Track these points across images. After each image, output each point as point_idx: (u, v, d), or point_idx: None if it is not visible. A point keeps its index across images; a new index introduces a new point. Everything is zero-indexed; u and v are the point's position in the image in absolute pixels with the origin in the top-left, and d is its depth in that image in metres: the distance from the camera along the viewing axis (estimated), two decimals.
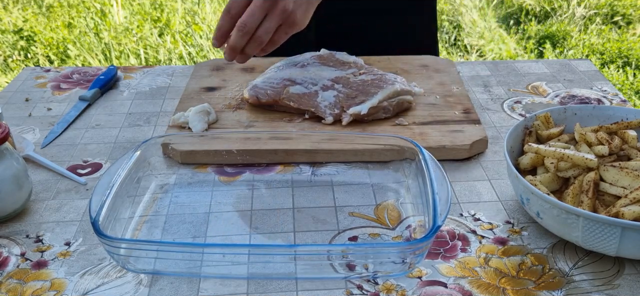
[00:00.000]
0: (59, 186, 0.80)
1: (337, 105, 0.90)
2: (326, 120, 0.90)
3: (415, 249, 0.61)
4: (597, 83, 1.07)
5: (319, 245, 0.69)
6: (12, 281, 0.64)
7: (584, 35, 3.48)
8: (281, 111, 0.93)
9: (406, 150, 0.78)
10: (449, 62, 1.11)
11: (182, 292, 0.62)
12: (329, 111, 0.90)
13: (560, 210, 0.63)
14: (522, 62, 1.17)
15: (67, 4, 3.83)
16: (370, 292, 0.62)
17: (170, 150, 0.84)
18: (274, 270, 0.64)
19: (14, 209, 0.73)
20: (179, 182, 0.81)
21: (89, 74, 1.14)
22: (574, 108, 0.81)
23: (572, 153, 0.69)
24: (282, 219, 0.73)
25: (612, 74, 3.04)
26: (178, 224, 0.72)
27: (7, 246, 0.70)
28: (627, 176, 0.66)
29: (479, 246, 0.69)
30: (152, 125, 0.95)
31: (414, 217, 0.73)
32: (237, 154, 0.83)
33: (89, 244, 0.70)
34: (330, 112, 0.90)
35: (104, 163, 0.85)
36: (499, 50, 3.35)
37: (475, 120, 0.90)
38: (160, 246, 0.65)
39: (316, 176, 0.81)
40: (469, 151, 0.84)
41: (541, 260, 0.66)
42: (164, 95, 1.05)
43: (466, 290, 0.62)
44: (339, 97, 0.91)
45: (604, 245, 0.62)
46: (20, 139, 0.89)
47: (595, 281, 0.63)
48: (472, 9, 3.75)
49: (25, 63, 3.27)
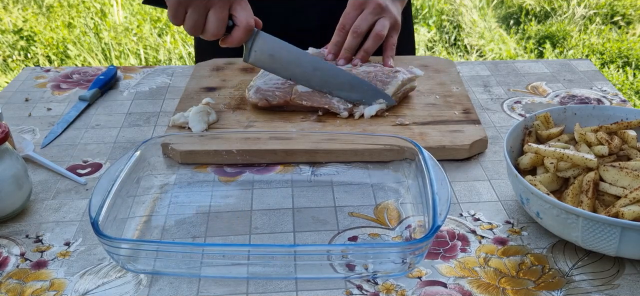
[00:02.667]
0: (58, 186, 0.80)
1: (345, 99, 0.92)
2: (341, 114, 0.91)
3: (415, 249, 0.61)
4: (597, 83, 1.07)
5: (318, 245, 0.69)
6: (12, 281, 0.64)
7: (584, 35, 3.48)
8: (290, 111, 0.93)
9: (406, 150, 0.78)
10: (449, 62, 1.11)
11: (182, 292, 0.62)
12: (343, 106, 0.91)
13: (560, 210, 0.63)
14: (522, 62, 1.17)
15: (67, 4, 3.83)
16: (370, 292, 0.62)
17: (170, 150, 0.84)
18: (273, 270, 0.64)
19: (13, 209, 0.73)
20: (178, 182, 0.81)
21: (88, 74, 1.14)
22: (574, 108, 0.81)
23: (572, 153, 0.69)
24: (282, 219, 0.73)
25: (612, 73, 3.04)
26: (178, 224, 0.72)
27: (7, 246, 0.70)
28: (627, 176, 0.66)
29: (478, 246, 0.69)
30: (152, 125, 0.95)
31: (414, 217, 0.73)
32: (237, 154, 0.83)
33: (89, 244, 0.70)
34: (344, 107, 0.91)
35: (104, 164, 0.85)
36: (499, 50, 3.35)
37: (475, 120, 0.90)
38: (160, 246, 0.65)
39: (316, 176, 0.81)
40: (468, 151, 0.84)
41: (541, 260, 0.66)
42: (163, 95, 1.05)
43: (466, 290, 0.62)
44: None
45: (603, 245, 0.62)
46: (20, 139, 0.89)
47: (595, 281, 0.63)
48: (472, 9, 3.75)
49: (25, 63, 3.27)
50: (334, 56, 0.99)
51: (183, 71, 1.14)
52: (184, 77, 1.11)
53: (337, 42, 0.99)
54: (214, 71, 1.08)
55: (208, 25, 0.85)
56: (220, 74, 1.07)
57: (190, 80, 1.05)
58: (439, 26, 3.65)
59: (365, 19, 0.98)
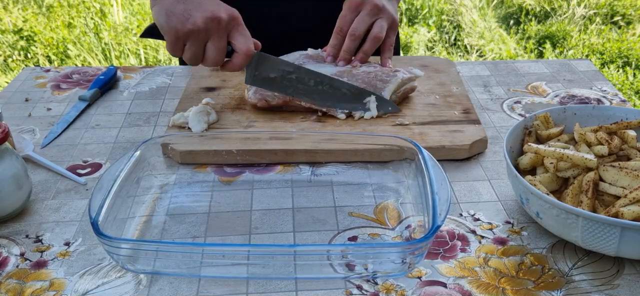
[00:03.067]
0: (58, 186, 0.80)
1: None
2: (338, 116, 0.91)
3: (414, 249, 0.61)
4: (597, 83, 1.07)
5: (318, 245, 0.69)
6: (12, 281, 0.64)
7: (584, 35, 3.48)
8: (290, 111, 0.93)
9: (406, 150, 0.78)
10: (449, 62, 1.11)
11: (182, 292, 0.62)
12: (340, 110, 0.91)
13: (559, 210, 0.63)
14: (522, 62, 1.17)
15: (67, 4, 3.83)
16: (369, 292, 0.62)
17: (170, 150, 0.84)
18: (273, 270, 0.64)
19: (13, 209, 0.73)
20: (178, 182, 0.81)
21: (88, 74, 1.14)
22: (574, 108, 0.81)
23: (572, 153, 0.69)
24: (282, 219, 0.73)
25: (612, 73, 3.04)
26: (178, 224, 0.72)
27: (7, 246, 0.70)
28: (627, 176, 0.66)
29: (478, 246, 0.69)
30: (151, 125, 0.95)
31: (414, 217, 0.73)
32: (236, 154, 0.83)
33: (89, 244, 0.70)
34: (342, 110, 0.91)
35: (104, 164, 0.85)
36: (499, 50, 3.35)
37: (475, 120, 0.90)
38: (159, 246, 0.65)
39: (316, 176, 0.81)
40: (468, 151, 0.84)
41: (541, 260, 0.66)
42: (163, 95, 1.05)
43: (466, 290, 0.62)
44: None
45: (603, 245, 0.62)
46: (20, 139, 0.89)
47: (594, 281, 0.64)
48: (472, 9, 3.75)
49: (25, 63, 3.27)
50: (333, 58, 0.99)
51: (183, 71, 1.14)
52: (184, 77, 1.11)
53: (335, 45, 0.99)
54: (214, 71, 1.08)
55: (207, 55, 0.85)
56: (220, 74, 1.07)
57: (190, 80, 1.05)
58: (439, 26, 3.65)
59: (362, 20, 0.97)
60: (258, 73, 0.90)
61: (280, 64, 0.91)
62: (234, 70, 0.88)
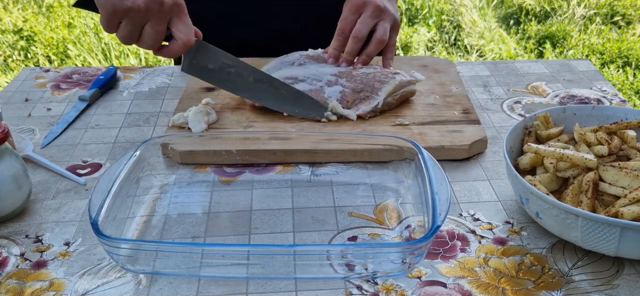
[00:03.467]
0: (58, 186, 0.80)
1: (343, 100, 0.91)
2: (331, 117, 0.91)
3: (414, 249, 0.61)
4: (597, 83, 1.07)
5: (318, 245, 0.69)
6: (12, 281, 0.64)
7: (584, 35, 3.48)
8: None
9: (405, 150, 0.78)
10: (449, 62, 1.11)
11: (182, 292, 0.62)
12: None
13: (559, 210, 0.63)
14: (522, 62, 1.17)
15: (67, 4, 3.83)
16: (369, 292, 0.62)
17: (170, 150, 0.84)
18: (273, 270, 0.64)
19: (13, 209, 0.73)
20: (178, 182, 0.81)
21: (88, 74, 1.14)
22: (574, 109, 0.81)
23: (572, 153, 0.69)
24: (282, 219, 0.73)
25: (612, 73, 3.04)
26: (177, 224, 0.72)
27: (7, 246, 0.70)
28: (627, 176, 0.66)
29: (478, 246, 0.69)
30: (151, 126, 0.95)
31: (414, 217, 0.73)
32: (236, 154, 0.83)
33: (89, 244, 0.70)
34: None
35: (104, 164, 0.85)
36: (499, 50, 3.35)
37: (474, 120, 0.90)
38: (159, 247, 0.65)
39: (315, 176, 0.81)
40: (468, 151, 0.84)
41: (540, 260, 0.66)
42: (163, 96, 1.05)
43: (466, 290, 0.62)
44: (344, 92, 0.92)
45: (603, 245, 0.62)
46: (19, 139, 0.89)
47: (594, 281, 0.64)
48: (472, 9, 3.75)
49: (25, 63, 3.27)
50: (335, 60, 0.98)
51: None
52: (184, 77, 1.11)
53: (337, 47, 0.98)
54: None
55: (143, 37, 0.81)
56: None
57: (190, 80, 1.05)
58: (439, 26, 3.65)
59: (365, 22, 0.97)
60: (196, 61, 0.87)
61: (221, 55, 0.88)
62: (170, 57, 0.85)
